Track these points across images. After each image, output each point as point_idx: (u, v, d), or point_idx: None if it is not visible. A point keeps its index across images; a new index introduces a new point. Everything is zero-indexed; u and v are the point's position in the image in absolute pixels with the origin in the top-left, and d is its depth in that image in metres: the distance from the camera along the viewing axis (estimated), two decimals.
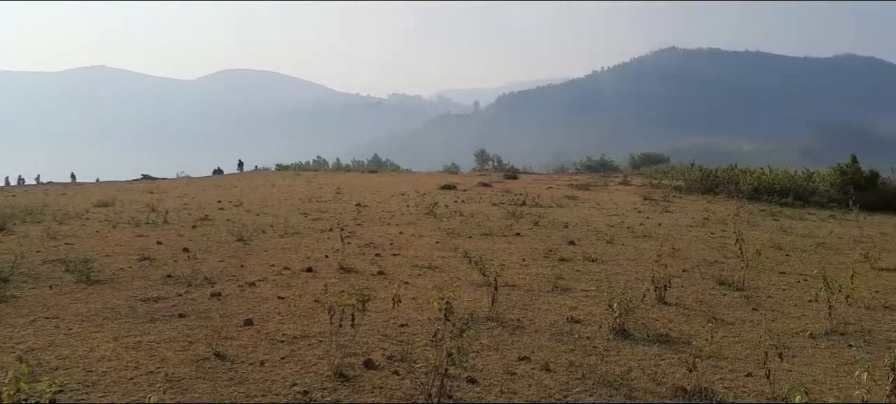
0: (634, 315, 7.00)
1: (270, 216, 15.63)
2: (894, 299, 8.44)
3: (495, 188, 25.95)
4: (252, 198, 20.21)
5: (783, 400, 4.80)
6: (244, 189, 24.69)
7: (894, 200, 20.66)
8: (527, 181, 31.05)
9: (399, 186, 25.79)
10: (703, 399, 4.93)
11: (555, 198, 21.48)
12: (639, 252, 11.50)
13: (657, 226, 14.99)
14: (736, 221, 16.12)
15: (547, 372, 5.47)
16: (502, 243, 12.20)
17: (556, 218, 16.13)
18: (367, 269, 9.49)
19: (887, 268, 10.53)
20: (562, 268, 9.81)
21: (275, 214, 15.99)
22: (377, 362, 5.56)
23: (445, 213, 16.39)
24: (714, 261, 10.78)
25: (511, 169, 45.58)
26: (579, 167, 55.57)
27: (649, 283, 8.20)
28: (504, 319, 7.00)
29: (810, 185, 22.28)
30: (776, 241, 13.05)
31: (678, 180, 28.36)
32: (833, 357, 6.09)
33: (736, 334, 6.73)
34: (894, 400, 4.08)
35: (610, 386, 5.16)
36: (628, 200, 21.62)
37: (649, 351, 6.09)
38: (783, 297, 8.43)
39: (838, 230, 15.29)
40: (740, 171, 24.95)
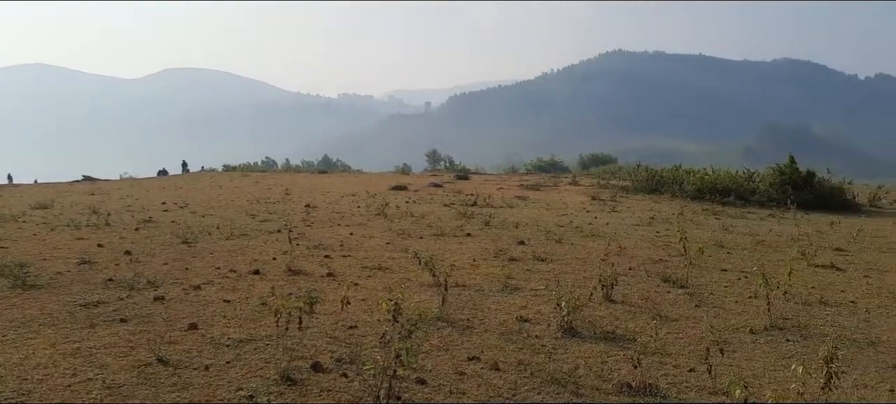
0: (582, 313, 7.11)
1: (217, 217, 15.32)
2: (829, 294, 8.76)
3: (447, 189, 26.01)
4: (198, 200, 19.77)
5: (724, 393, 4.96)
6: (190, 190, 24.13)
7: (830, 199, 21.46)
8: (478, 181, 31.20)
9: (349, 187, 25.61)
10: (647, 394, 5.04)
11: (506, 199, 21.64)
12: (587, 251, 11.67)
13: (605, 226, 15.24)
14: (680, 220, 16.52)
15: (496, 371, 5.50)
16: (453, 243, 12.23)
17: (506, 218, 16.25)
18: (316, 271, 9.39)
19: (823, 264, 10.93)
20: (512, 268, 9.89)
21: (221, 216, 15.68)
22: (325, 365, 5.50)
23: (396, 214, 16.34)
24: (659, 260, 11.01)
25: (463, 169, 45.73)
26: (530, 167, 56.09)
27: (597, 282, 8.34)
28: (454, 319, 7.01)
29: (751, 185, 22.97)
30: (718, 240, 13.42)
31: (625, 180, 28.91)
32: (772, 351, 6.29)
33: (680, 330, 6.89)
34: (828, 391, 4.24)
35: (557, 384, 5.22)
36: (577, 200, 21.93)
37: (596, 348, 6.18)
38: (725, 294, 8.67)
39: (777, 228, 15.81)
40: (684, 172, 25.55)
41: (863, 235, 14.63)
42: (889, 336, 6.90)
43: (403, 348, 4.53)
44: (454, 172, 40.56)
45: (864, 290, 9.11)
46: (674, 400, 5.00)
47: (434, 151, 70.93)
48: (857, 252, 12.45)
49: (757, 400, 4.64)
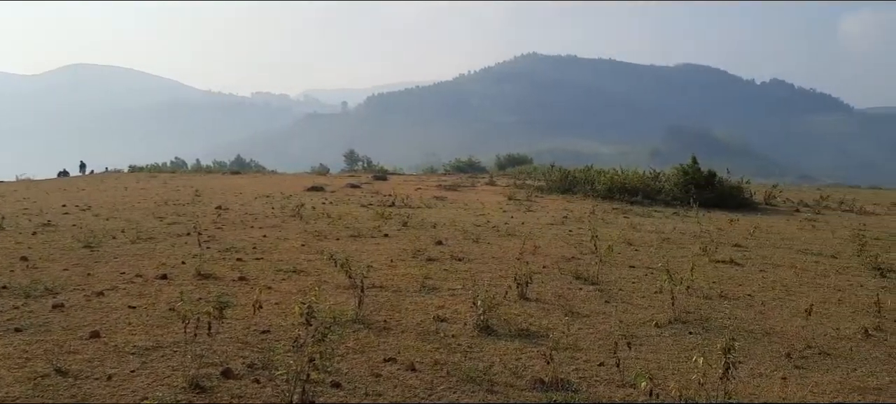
0: (498, 311, 7.22)
1: (122, 220, 14.64)
2: (728, 288, 9.25)
3: (364, 189, 25.84)
4: (102, 202, 18.83)
5: (631, 386, 5.15)
6: (93, 192, 22.96)
7: (729, 197, 22.62)
8: (396, 182, 31.16)
9: (263, 188, 25.02)
10: (559, 389, 5.17)
11: (424, 199, 21.70)
12: (503, 250, 11.86)
13: (520, 225, 15.53)
14: (591, 219, 17.02)
15: (412, 371, 5.51)
16: (371, 244, 12.16)
17: (424, 218, 16.29)
18: (227, 275, 9.12)
19: (722, 260, 11.52)
20: (429, 268, 9.92)
21: (127, 218, 15.00)
22: (236, 371, 5.36)
23: (312, 215, 16.09)
24: (572, 258, 11.31)
25: (380, 170, 45.55)
26: (448, 168, 56.52)
27: (512, 280, 8.49)
28: (371, 321, 6.97)
29: (657, 185, 23.91)
30: (627, 237, 13.92)
31: (540, 181, 29.53)
32: (675, 344, 6.58)
33: (590, 326, 7.11)
34: (726, 380, 4.47)
35: (473, 383, 5.28)
36: (494, 200, 22.25)
37: (511, 345, 6.29)
38: (633, 290, 8.99)
39: (681, 226, 16.54)
40: (595, 172, 26.33)
41: (759, 232, 15.50)
42: (782, 326, 7.35)
43: (317, 351, 4.47)
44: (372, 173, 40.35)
45: (759, 284, 9.66)
46: (584, 393, 5.15)
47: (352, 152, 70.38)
48: (754, 248, 13.19)
49: (661, 391, 4.84)
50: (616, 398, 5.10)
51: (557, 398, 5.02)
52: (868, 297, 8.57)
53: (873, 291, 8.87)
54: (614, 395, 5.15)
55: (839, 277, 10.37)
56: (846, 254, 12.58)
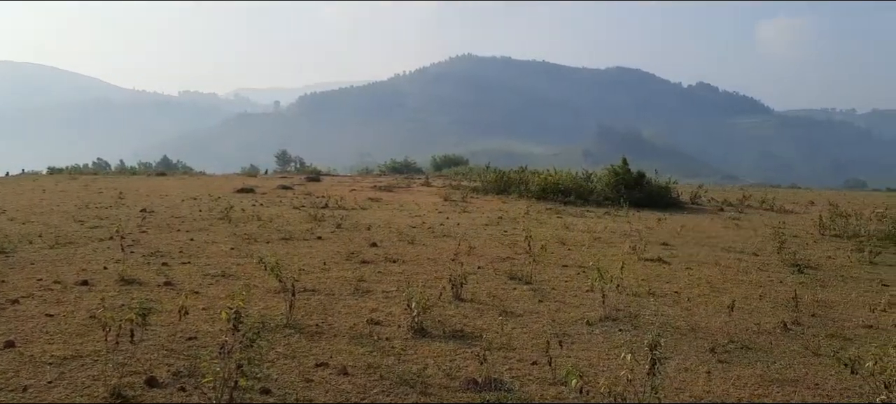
0: (432, 313, 7.19)
1: (39, 224, 13.92)
2: (656, 286, 9.50)
3: (297, 190, 25.37)
4: (17, 205, 17.86)
5: (563, 383, 5.21)
6: (7, 194, 21.77)
7: (657, 197, 23.27)
8: (330, 183, 30.75)
9: (191, 190, 24.26)
10: (492, 389, 5.18)
11: (358, 200, 21.49)
12: (438, 251, 11.85)
13: (456, 226, 15.57)
14: (526, 219, 17.22)
15: (345, 376, 5.42)
16: (303, 247, 11.95)
17: (359, 220, 16.13)
18: (152, 280, 8.78)
19: (651, 258, 11.84)
20: (363, 271, 9.82)
21: (45, 222, 14.27)
22: (161, 379, 5.15)
23: (242, 218, 15.70)
24: (506, 258, 11.40)
25: (314, 171, 44.86)
26: (383, 169, 56.16)
27: (447, 281, 8.49)
28: (302, 325, 6.84)
29: (589, 185, 24.39)
30: (560, 237, 14.14)
31: (475, 181, 29.69)
32: (606, 341, 6.71)
33: (524, 325, 7.17)
34: (653, 376, 4.57)
35: (406, 385, 5.24)
36: (430, 201, 22.24)
37: (445, 346, 6.28)
38: (565, 288, 9.13)
39: (612, 225, 16.93)
40: (530, 173, 26.65)
41: (685, 231, 16.02)
42: (707, 322, 7.59)
43: (245, 357, 4.34)
44: (305, 174, 39.71)
45: (686, 281, 9.96)
46: (517, 393, 5.18)
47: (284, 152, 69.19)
48: (681, 246, 13.61)
49: (591, 388, 4.92)
50: (548, 396, 5.15)
51: (490, 398, 5.03)
52: (787, 293, 8.94)
53: (792, 287, 9.27)
54: (546, 394, 5.20)
55: (760, 274, 10.80)
56: (767, 251, 13.13)
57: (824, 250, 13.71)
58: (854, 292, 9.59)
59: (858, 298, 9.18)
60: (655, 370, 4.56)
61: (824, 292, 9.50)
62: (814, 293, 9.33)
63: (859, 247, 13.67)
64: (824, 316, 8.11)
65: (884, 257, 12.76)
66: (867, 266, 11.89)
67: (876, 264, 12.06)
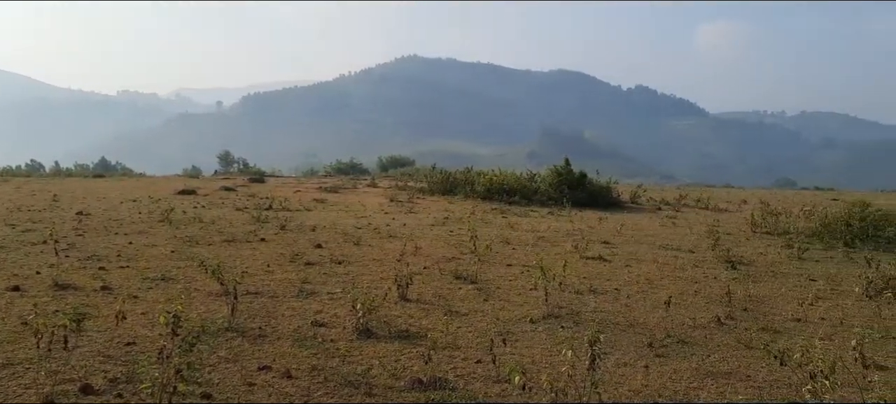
0: (378, 314, 7.18)
1: None
2: (597, 283, 9.72)
3: (240, 192, 24.92)
4: None
5: (506, 381, 5.29)
6: None
7: (599, 197, 23.76)
8: (274, 184, 30.30)
9: (130, 192, 23.55)
10: (437, 388, 5.23)
11: (303, 202, 21.25)
12: (384, 252, 11.84)
13: (402, 227, 15.57)
14: (471, 220, 17.32)
15: (288, 379, 5.38)
16: (246, 249, 11.76)
17: (304, 221, 15.96)
18: (88, 285, 8.51)
19: (592, 256, 12.09)
20: (308, 272, 9.74)
21: None
22: (97, 386, 5.01)
23: (183, 220, 15.34)
24: (452, 258, 11.47)
25: (258, 172, 44.09)
26: (329, 170, 55.61)
27: (392, 282, 8.50)
28: (245, 328, 6.74)
29: (533, 185, 24.72)
30: (505, 237, 14.30)
31: (422, 182, 29.72)
32: (548, 338, 6.83)
33: (469, 324, 7.24)
34: (593, 371, 4.69)
35: (351, 386, 5.23)
36: (376, 202, 22.16)
37: (390, 347, 6.29)
38: (509, 287, 9.26)
39: (555, 225, 17.21)
40: (475, 174, 26.81)
41: (625, 229, 16.41)
42: (645, 318, 7.82)
43: (185, 362, 4.27)
44: (248, 175, 39.00)
45: (625, 278, 10.22)
46: (461, 391, 5.24)
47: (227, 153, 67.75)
48: (621, 244, 13.95)
49: (534, 384, 5.01)
50: (491, 394, 5.23)
51: (435, 397, 5.07)
52: (721, 288, 9.26)
53: (725, 282, 9.59)
54: (490, 391, 5.27)
55: (696, 270, 11.16)
56: (702, 248, 13.57)
57: (756, 247, 14.25)
58: (784, 287, 10.01)
59: (788, 293, 9.59)
60: (595, 365, 4.68)
61: (756, 287, 9.88)
62: (746, 288, 9.69)
63: (788, 244, 14.27)
64: (756, 310, 8.44)
65: (811, 253, 13.36)
66: (796, 262, 12.42)
67: (804, 260, 12.60)
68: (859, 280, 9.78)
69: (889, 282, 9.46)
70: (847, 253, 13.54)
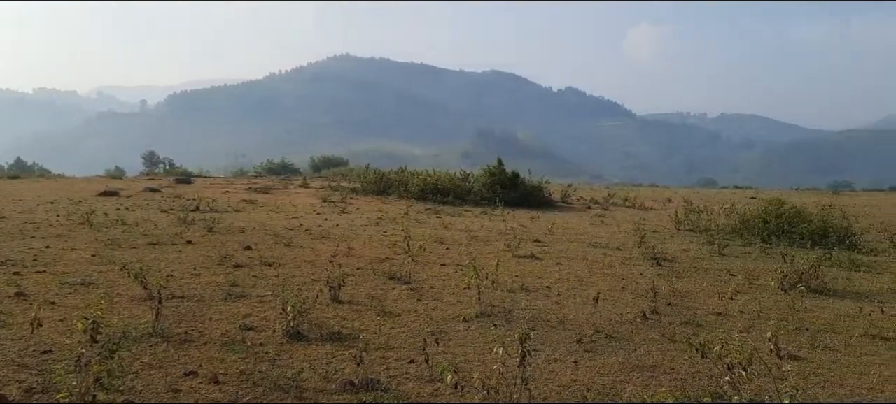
0: (309, 316, 7.08)
1: None
2: (529, 282, 9.86)
3: (166, 193, 24.12)
4: None
5: (439, 380, 5.31)
6: None
7: (531, 196, 24.15)
8: (202, 185, 29.47)
9: (48, 193, 22.46)
10: (369, 390, 5.19)
11: (232, 203, 20.76)
12: (316, 253, 11.69)
13: (335, 227, 15.41)
14: (405, 220, 17.32)
15: (215, 384, 5.24)
16: (172, 252, 11.39)
17: (232, 223, 15.59)
18: (1, 291, 8.06)
19: (524, 255, 12.27)
20: (237, 275, 9.51)
21: None
22: (11, 396, 4.76)
23: (105, 222, 14.73)
24: (385, 258, 11.42)
25: (184, 172, 42.79)
26: (260, 170, 54.48)
27: (324, 284, 8.40)
28: (170, 333, 6.53)
29: (467, 185, 24.91)
30: (439, 237, 14.35)
31: (355, 182, 29.52)
32: (481, 336, 6.89)
33: (402, 325, 7.23)
34: (523, 368, 4.76)
35: (281, 390, 5.14)
36: (307, 202, 21.87)
37: (322, 349, 6.22)
38: (443, 287, 9.29)
39: (488, 224, 17.38)
40: (409, 174, 26.84)
41: (556, 228, 16.73)
42: (575, 314, 7.98)
43: (104, 370, 4.10)
44: (175, 176, 37.80)
45: (556, 276, 10.42)
46: (393, 392, 5.23)
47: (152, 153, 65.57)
48: (552, 243, 14.20)
49: (466, 383, 5.04)
50: (424, 394, 5.23)
51: (367, 398, 5.04)
52: (646, 284, 9.55)
53: (651, 278, 9.92)
54: (423, 391, 5.28)
55: (623, 267, 11.48)
56: (629, 245, 13.96)
57: (680, 244, 14.77)
58: (705, 282, 10.41)
59: (709, 287, 9.97)
60: (525, 362, 4.75)
61: (679, 283, 10.24)
62: (670, 284, 10.03)
63: (710, 241, 14.84)
64: (679, 304, 8.75)
65: (731, 249, 13.94)
66: (717, 257, 12.93)
67: (724, 256, 13.14)
68: (775, 274, 10.26)
69: (802, 276, 9.98)
70: (764, 249, 14.18)
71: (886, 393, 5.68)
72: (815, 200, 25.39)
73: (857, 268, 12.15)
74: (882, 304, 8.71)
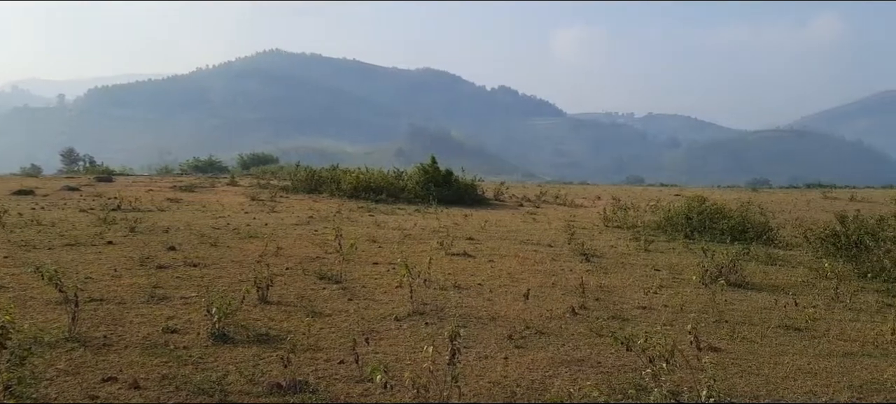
0: (235, 318, 6.90)
1: None
2: (462, 279, 9.91)
3: (85, 192, 23.10)
4: None
5: (369, 380, 5.26)
6: None
7: (464, 194, 24.31)
8: (124, 183, 28.36)
9: None
10: (297, 391, 5.10)
11: (156, 202, 20.06)
12: (244, 253, 11.41)
13: (263, 227, 15.10)
14: (337, 218, 17.14)
15: (136, 389, 5.05)
16: (91, 253, 10.89)
17: (156, 222, 15.06)
18: None
19: (457, 252, 12.31)
20: (160, 276, 9.18)
21: None
22: None
23: (19, 223, 13.98)
24: (316, 258, 11.26)
25: (105, 170, 41.04)
26: (186, 168, 52.90)
27: (251, 284, 8.20)
28: (87, 338, 6.25)
29: (400, 183, 24.85)
30: (371, 235, 14.25)
31: (286, 180, 29.02)
32: (412, 335, 6.88)
33: (332, 325, 7.13)
34: (453, 365, 4.77)
35: (205, 394, 4.99)
36: (235, 201, 21.35)
37: (248, 352, 6.07)
38: (375, 286, 9.23)
39: (422, 222, 17.38)
40: (341, 172, 26.57)
41: (489, 225, 16.89)
42: (506, 311, 8.07)
43: (14, 377, 3.89)
44: (95, 174, 36.24)
45: (488, 273, 10.50)
46: (322, 393, 5.15)
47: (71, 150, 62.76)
48: (485, 240, 14.32)
49: (396, 382, 5.02)
50: (354, 394, 5.18)
51: (294, 400, 4.95)
52: (575, 280, 9.74)
53: (580, 274, 10.12)
54: (352, 392, 5.22)
55: (554, 263, 11.68)
56: (560, 242, 14.21)
57: (608, 240, 15.14)
58: (631, 277, 10.69)
59: (635, 282, 10.25)
60: (455, 360, 4.77)
61: (607, 278, 10.49)
62: (598, 279, 10.27)
63: (636, 237, 15.27)
64: (606, 299, 8.96)
65: (656, 245, 14.38)
66: (643, 253, 13.32)
67: (650, 251, 13.54)
68: (697, 269, 10.64)
69: (722, 270, 10.37)
70: (687, 244, 14.69)
71: (798, 381, 5.97)
72: (735, 197, 26.48)
73: (773, 262, 12.73)
74: (795, 297, 9.14)
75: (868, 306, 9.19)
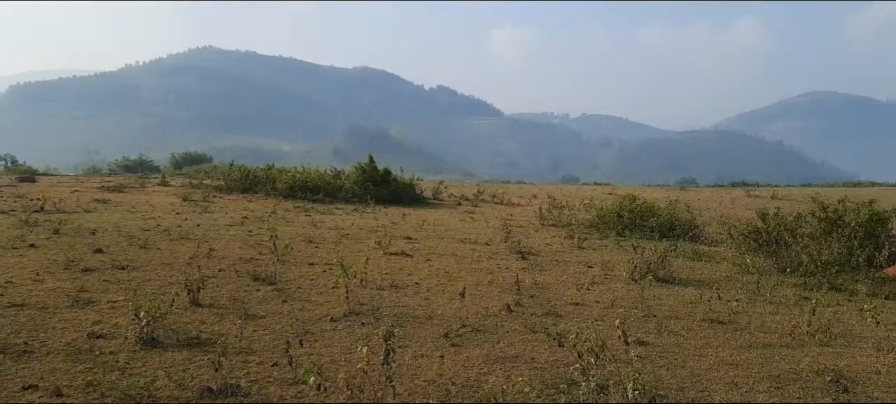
0: (165, 321, 6.73)
1: None
2: (399, 279, 9.91)
3: (6, 193, 22.00)
4: None
5: (303, 382, 5.22)
6: None
7: (403, 194, 24.28)
8: (48, 183, 27.14)
9: None
10: (228, 395, 5.02)
11: (82, 203, 19.27)
12: (175, 255, 11.11)
13: (196, 228, 14.72)
14: (272, 219, 16.88)
15: (58, 397, 4.87)
16: (11, 257, 10.40)
17: (82, 224, 14.48)
18: None
19: (395, 252, 12.32)
20: (85, 280, 8.85)
21: None
22: None
23: None
24: (250, 259, 11.06)
25: (28, 170, 39.18)
26: (115, 167, 51.02)
27: (182, 287, 8.01)
28: (7, 345, 5.98)
29: (338, 183, 24.64)
30: (308, 235, 14.09)
31: (219, 180, 28.34)
32: (348, 336, 6.85)
33: (266, 327, 7.04)
34: (388, 365, 4.79)
35: (132, 400, 4.85)
36: (167, 202, 20.73)
37: (178, 356, 5.93)
38: (311, 287, 9.13)
39: (360, 221, 17.29)
40: (277, 171, 26.14)
41: (427, 224, 16.93)
42: (443, 310, 8.12)
43: None
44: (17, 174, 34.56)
45: (426, 272, 10.54)
46: (254, 396, 5.08)
47: None
48: (423, 239, 14.36)
49: (330, 384, 5.00)
50: (287, 396, 5.13)
51: None
52: (511, 277, 9.89)
53: (515, 272, 10.28)
54: (285, 394, 5.17)
55: (490, 261, 11.81)
56: (497, 241, 14.38)
57: (543, 238, 15.41)
58: (565, 274, 10.93)
59: (569, 279, 10.48)
60: (390, 360, 4.78)
61: (542, 275, 10.69)
62: (534, 276, 10.45)
63: (570, 235, 15.60)
64: (541, 296, 9.13)
65: (589, 242, 14.72)
66: (577, 250, 13.61)
67: (583, 248, 13.86)
68: (627, 265, 10.95)
69: (651, 266, 10.72)
70: (618, 241, 15.09)
71: (721, 372, 6.22)
72: (664, 195, 27.33)
73: (699, 257, 13.23)
74: (720, 291, 9.53)
75: (787, 299, 9.66)
